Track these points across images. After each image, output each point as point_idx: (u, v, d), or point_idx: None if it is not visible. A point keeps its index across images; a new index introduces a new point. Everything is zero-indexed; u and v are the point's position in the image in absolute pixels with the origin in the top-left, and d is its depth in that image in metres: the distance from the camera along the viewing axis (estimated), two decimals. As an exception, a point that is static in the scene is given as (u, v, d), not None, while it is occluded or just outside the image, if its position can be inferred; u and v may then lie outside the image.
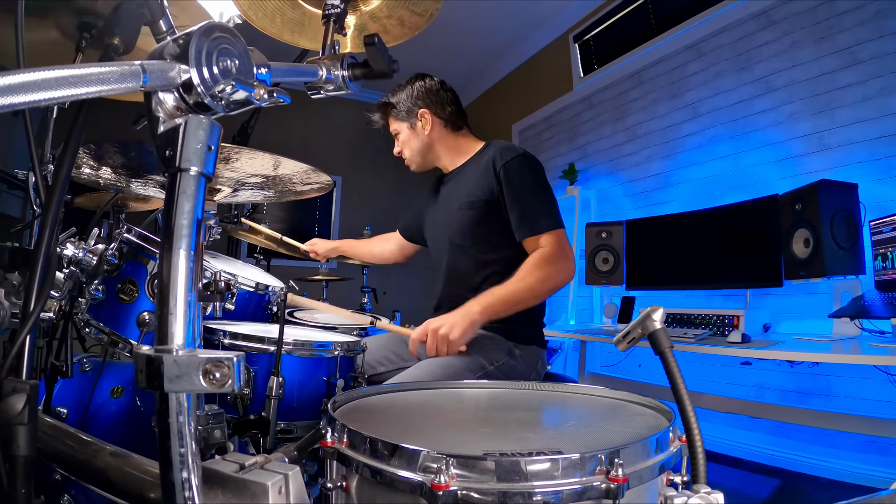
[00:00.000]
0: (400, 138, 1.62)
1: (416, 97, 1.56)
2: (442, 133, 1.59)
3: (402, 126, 1.60)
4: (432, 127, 1.57)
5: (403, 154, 1.64)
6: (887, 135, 2.25)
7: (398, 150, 1.65)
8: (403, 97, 1.58)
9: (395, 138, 1.64)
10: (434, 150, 1.61)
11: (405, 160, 1.65)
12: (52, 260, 0.65)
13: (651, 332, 0.65)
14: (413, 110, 1.57)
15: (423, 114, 1.56)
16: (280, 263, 3.75)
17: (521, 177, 1.41)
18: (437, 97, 1.57)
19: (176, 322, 0.45)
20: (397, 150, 1.65)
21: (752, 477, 2.41)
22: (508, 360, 1.40)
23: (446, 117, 1.58)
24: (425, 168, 1.66)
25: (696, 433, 0.59)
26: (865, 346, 1.89)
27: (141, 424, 1.15)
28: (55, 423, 0.76)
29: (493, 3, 4.05)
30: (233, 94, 0.49)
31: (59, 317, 1.03)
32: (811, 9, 2.55)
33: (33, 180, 1.02)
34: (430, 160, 1.64)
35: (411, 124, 1.58)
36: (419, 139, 1.59)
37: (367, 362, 1.45)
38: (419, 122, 1.57)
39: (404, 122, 1.59)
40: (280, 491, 0.53)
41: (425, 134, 1.58)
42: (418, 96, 1.56)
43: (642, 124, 3.54)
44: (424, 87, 1.57)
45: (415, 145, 1.60)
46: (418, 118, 1.57)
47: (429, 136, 1.58)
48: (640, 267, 3.11)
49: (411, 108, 1.57)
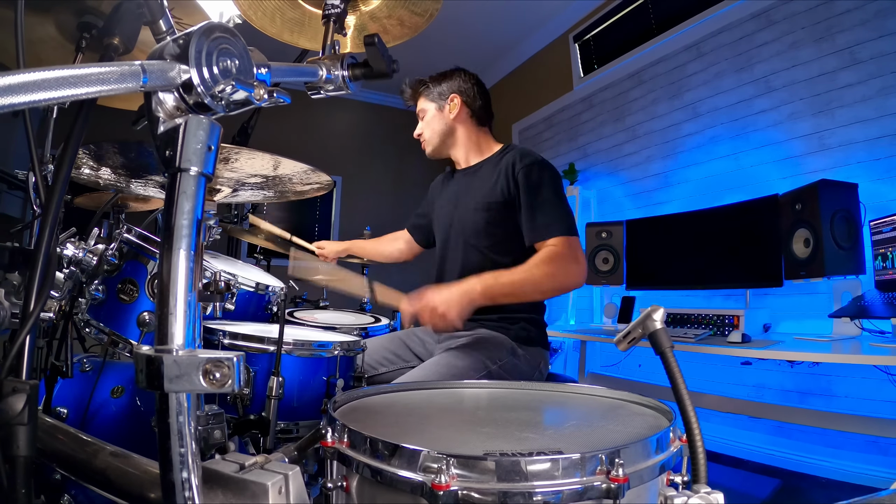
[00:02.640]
0: (425, 118, 1.67)
1: (452, 83, 1.63)
2: (466, 122, 1.64)
3: (430, 106, 1.65)
4: (459, 112, 1.62)
5: (423, 135, 1.68)
6: (887, 135, 2.25)
7: (418, 132, 1.70)
8: (441, 81, 1.65)
9: (420, 118, 1.69)
10: (454, 136, 1.65)
11: (422, 142, 1.70)
12: (52, 260, 0.65)
13: (651, 332, 0.65)
14: (445, 93, 1.63)
15: (453, 97, 1.62)
16: (280, 263, 3.74)
17: (538, 183, 1.43)
18: (470, 89, 1.64)
19: (176, 322, 0.45)
20: (418, 132, 1.70)
21: (752, 477, 2.41)
22: (511, 360, 1.40)
23: (475, 108, 1.64)
24: (439, 154, 1.69)
25: (697, 433, 0.59)
26: (865, 346, 1.89)
27: (141, 424, 1.15)
28: (55, 423, 0.76)
29: (493, 3, 4.05)
30: (233, 94, 0.49)
31: (59, 317, 1.03)
32: (811, 9, 2.55)
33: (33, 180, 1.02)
34: (448, 145, 1.67)
35: (440, 106, 1.64)
36: (444, 121, 1.64)
37: (368, 363, 1.45)
38: (448, 105, 1.63)
39: (434, 102, 1.65)
40: (280, 491, 0.53)
41: (451, 117, 1.63)
42: (454, 83, 1.63)
43: (642, 124, 3.54)
44: (462, 78, 1.65)
45: (437, 126, 1.65)
46: (448, 101, 1.63)
47: (454, 121, 1.63)
48: (640, 267, 3.11)
49: (443, 92, 1.63)
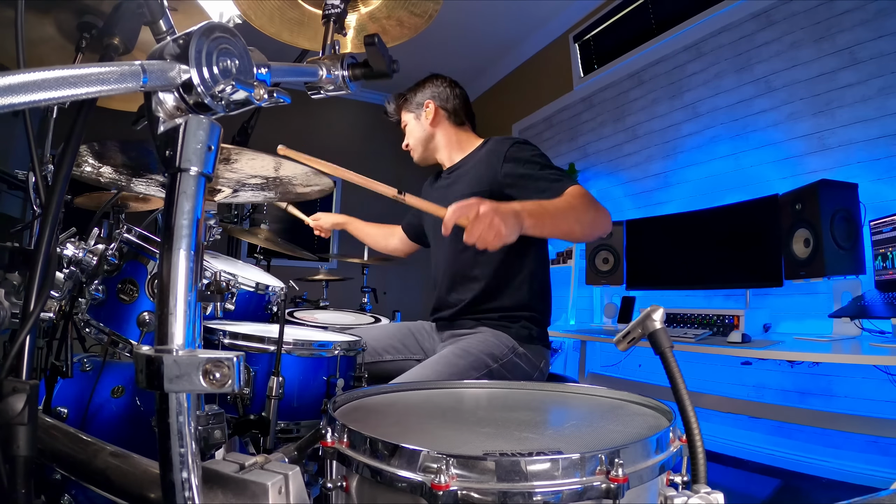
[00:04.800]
0: (407, 129, 1.74)
1: (426, 91, 1.69)
2: (443, 124, 1.69)
3: (409, 117, 1.72)
4: (434, 116, 1.67)
5: (409, 145, 1.75)
6: (887, 135, 2.25)
7: (405, 143, 1.76)
8: (415, 91, 1.71)
9: (404, 131, 1.75)
10: (434, 140, 1.70)
11: (410, 152, 1.76)
12: (52, 260, 0.65)
13: (651, 332, 0.65)
14: (420, 102, 1.69)
15: (427, 104, 1.67)
16: (280, 263, 3.75)
17: (531, 156, 1.45)
18: (443, 92, 1.68)
19: (176, 322, 0.45)
20: (404, 144, 1.76)
21: (752, 477, 2.41)
22: (513, 359, 1.40)
23: (449, 109, 1.68)
24: (426, 159, 1.75)
25: (697, 433, 0.59)
26: (865, 346, 1.89)
27: (141, 424, 1.15)
28: (55, 423, 0.76)
29: (493, 3, 4.04)
30: (233, 94, 0.49)
31: (59, 317, 1.03)
32: (811, 9, 2.55)
33: (33, 180, 1.02)
34: (431, 150, 1.72)
35: (417, 115, 1.70)
36: (422, 128, 1.69)
37: (374, 348, 1.47)
38: (423, 112, 1.68)
39: (412, 112, 1.71)
40: (280, 491, 0.53)
41: (427, 123, 1.67)
42: (427, 90, 1.69)
43: (642, 124, 3.54)
44: (434, 83, 1.70)
45: (418, 134, 1.70)
46: (424, 108, 1.68)
47: (431, 126, 1.68)
48: (640, 267, 3.11)
49: (419, 101, 1.69)
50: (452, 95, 1.68)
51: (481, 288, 1.49)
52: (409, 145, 1.74)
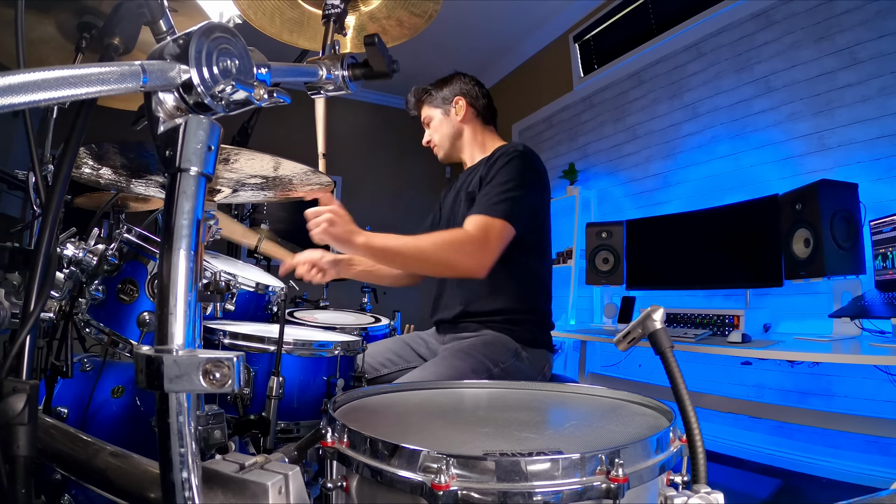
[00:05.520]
0: (432, 125, 1.70)
1: (454, 86, 1.67)
2: (473, 122, 1.67)
3: (435, 112, 1.68)
4: (465, 113, 1.65)
5: (433, 141, 1.71)
6: (887, 135, 2.25)
7: (427, 139, 1.72)
8: (442, 86, 1.68)
9: (426, 126, 1.72)
10: (462, 137, 1.68)
11: (433, 148, 1.72)
12: (52, 260, 0.65)
13: (651, 332, 0.65)
14: (449, 98, 1.66)
15: (458, 100, 1.65)
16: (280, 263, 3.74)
17: (501, 166, 1.44)
18: (472, 90, 1.67)
19: (176, 322, 0.45)
20: (426, 139, 1.73)
21: (752, 477, 2.41)
22: (514, 362, 1.38)
23: (479, 108, 1.67)
24: (451, 157, 1.72)
25: (697, 433, 0.59)
26: (865, 346, 1.89)
27: (141, 424, 1.15)
28: (55, 423, 0.76)
29: (493, 3, 4.05)
30: (233, 94, 0.49)
31: (59, 317, 1.03)
32: (811, 9, 2.55)
33: (33, 180, 1.02)
34: (458, 147, 1.69)
35: (445, 110, 1.67)
36: (451, 124, 1.67)
37: (370, 364, 1.44)
38: (453, 109, 1.66)
39: (439, 107, 1.67)
40: (280, 491, 0.53)
41: (458, 119, 1.65)
42: (456, 86, 1.67)
43: (642, 124, 3.54)
44: (462, 80, 1.68)
45: (446, 130, 1.68)
46: (453, 104, 1.65)
47: (461, 122, 1.66)
48: (640, 267, 3.11)
49: (447, 96, 1.66)
50: (480, 94, 1.67)
51: (483, 289, 1.46)
52: (434, 141, 1.70)
